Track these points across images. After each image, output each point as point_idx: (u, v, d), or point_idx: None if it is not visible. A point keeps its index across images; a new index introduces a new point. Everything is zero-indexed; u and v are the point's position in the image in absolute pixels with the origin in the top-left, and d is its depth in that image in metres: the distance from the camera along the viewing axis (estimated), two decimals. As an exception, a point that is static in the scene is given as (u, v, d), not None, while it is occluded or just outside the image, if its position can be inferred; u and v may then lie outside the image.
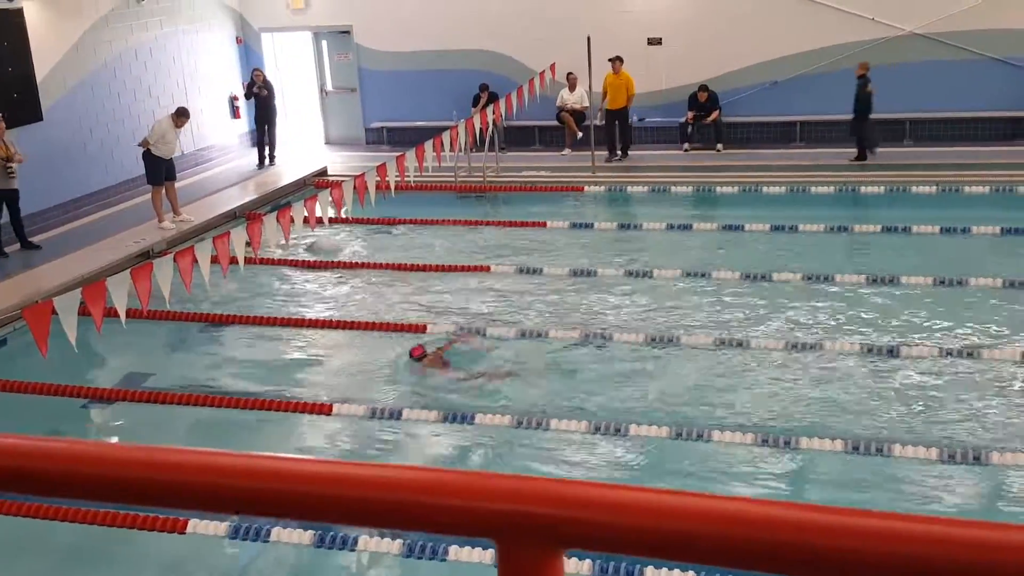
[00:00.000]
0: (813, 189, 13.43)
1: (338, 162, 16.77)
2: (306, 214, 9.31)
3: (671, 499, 0.83)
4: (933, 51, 15.90)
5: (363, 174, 10.33)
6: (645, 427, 7.49)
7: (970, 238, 10.94)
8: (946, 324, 9.06)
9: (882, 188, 13.04)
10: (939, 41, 15.85)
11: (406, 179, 10.83)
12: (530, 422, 7.69)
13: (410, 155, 11.18)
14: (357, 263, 11.88)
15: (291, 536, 6.25)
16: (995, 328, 8.88)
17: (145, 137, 13.11)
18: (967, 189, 12.70)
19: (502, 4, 17.16)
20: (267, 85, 16.84)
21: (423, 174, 12.32)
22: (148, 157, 12.93)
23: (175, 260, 8.00)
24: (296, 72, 18.80)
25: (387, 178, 10.31)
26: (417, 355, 8.96)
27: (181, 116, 13.11)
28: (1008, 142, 15.25)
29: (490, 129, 14.02)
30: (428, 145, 11.40)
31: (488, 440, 7.71)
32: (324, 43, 18.57)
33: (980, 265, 10.12)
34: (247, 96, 16.96)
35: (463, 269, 11.39)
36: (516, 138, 17.17)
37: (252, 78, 16.93)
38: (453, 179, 14.72)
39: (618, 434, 7.51)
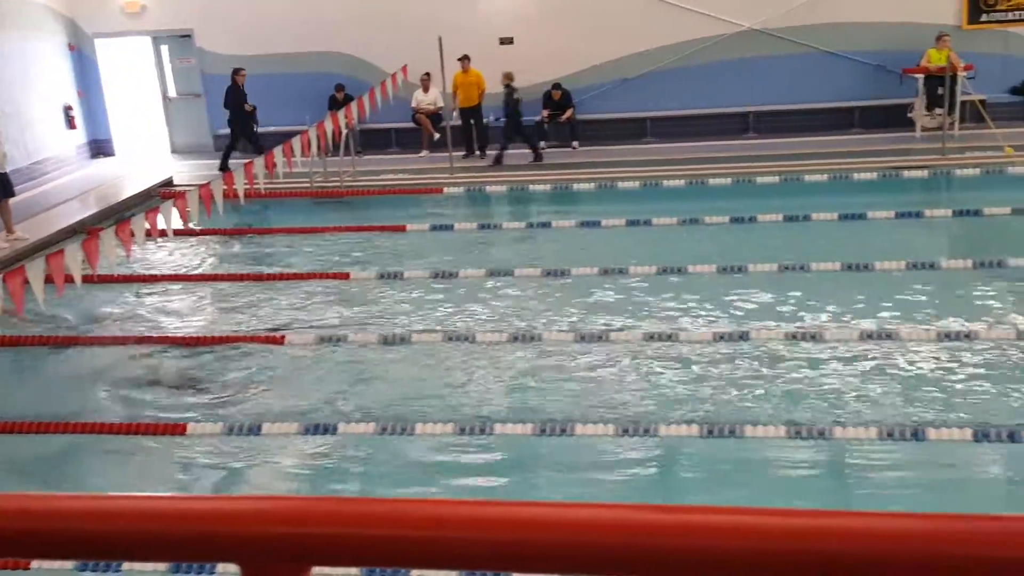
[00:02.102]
0: (665, 183, 13.76)
1: (185, 171, 16.21)
2: (148, 227, 8.93)
3: (408, 507, 0.81)
4: (771, 46, 16.59)
5: (209, 183, 10.00)
6: (510, 425, 7.49)
7: (811, 225, 11.41)
8: (791, 308, 9.44)
9: (729, 180, 13.48)
10: (776, 36, 16.53)
11: (256, 187, 10.54)
12: (394, 428, 7.58)
13: (259, 161, 10.88)
14: (208, 275, 11.49)
15: (144, 567, 5.95)
16: (836, 309, 9.30)
17: None
18: (807, 178, 13.25)
19: (352, 6, 16.94)
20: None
21: (276, 181, 12.02)
22: (-24, 174, 12.17)
23: (4, 281, 7.52)
24: (136, 78, 18.10)
25: (235, 186, 10.00)
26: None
27: None
28: (843, 131, 16.04)
29: (344, 132, 13.81)
30: (278, 151, 11.12)
31: (353, 450, 7.58)
32: (164, 48, 17.92)
33: (821, 250, 10.57)
34: (244, 116, 15.89)
35: (321, 276, 11.17)
36: (373, 141, 16.98)
37: (236, 80, 15.89)
38: (309, 185, 14.43)
39: (483, 433, 7.49)
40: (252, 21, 17.17)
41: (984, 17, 16.52)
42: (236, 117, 16.01)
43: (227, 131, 17.64)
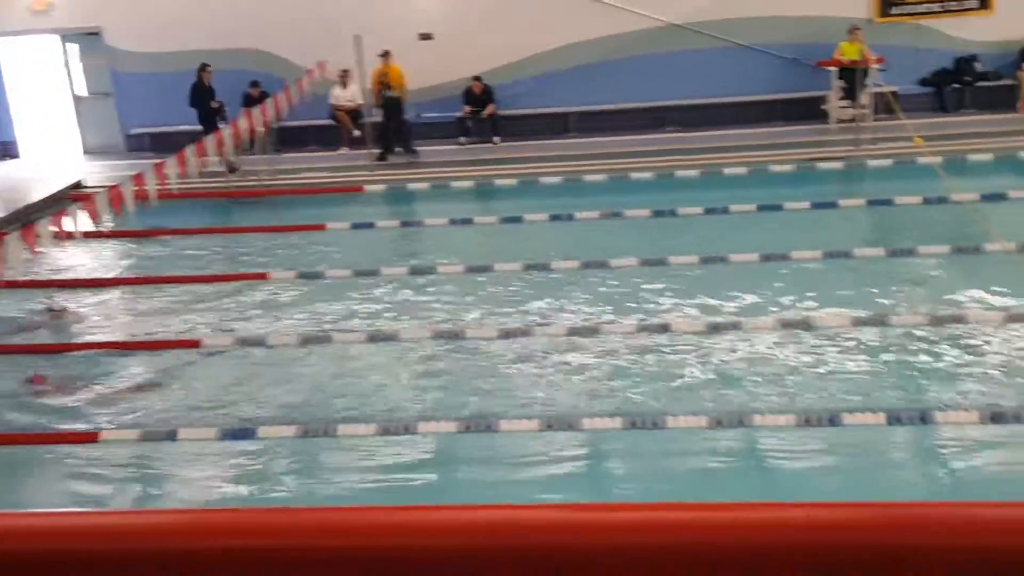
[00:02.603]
0: (587, 178, 13.80)
1: (97, 172, 15.77)
2: (55, 230, 8.63)
3: (321, 516, 0.83)
4: (690, 41, 16.78)
5: (118, 184, 9.71)
6: (434, 423, 7.42)
7: (730, 217, 11.55)
8: (711, 299, 9.55)
9: (650, 174, 13.57)
10: (694, 31, 16.72)
11: (168, 187, 10.27)
12: (316, 430, 7.45)
13: (171, 161, 10.59)
14: (120, 279, 11.18)
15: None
16: (755, 299, 9.45)
17: None
18: (726, 171, 13.41)
19: (267, 1, 16.66)
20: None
21: (191, 180, 11.72)
22: None
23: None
24: (43, 77, 17.55)
25: (146, 187, 9.71)
26: (38, 383, 8.58)
27: None
28: (760, 124, 16.30)
29: (260, 130, 13.55)
30: (191, 149, 10.83)
31: (274, 453, 7.43)
32: (73, 46, 17.41)
33: (740, 241, 10.71)
34: (211, 114, 15.37)
35: (238, 278, 10.95)
36: (291, 139, 16.73)
37: (202, 77, 15.46)
38: (225, 184, 14.15)
39: (407, 432, 7.41)
40: (163, 18, 16.77)
41: (895, 10, 16.95)
42: (203, 115, 15.59)
43: (140, 130, 17.23)
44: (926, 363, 7.95)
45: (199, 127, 15.26)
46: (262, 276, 10.89)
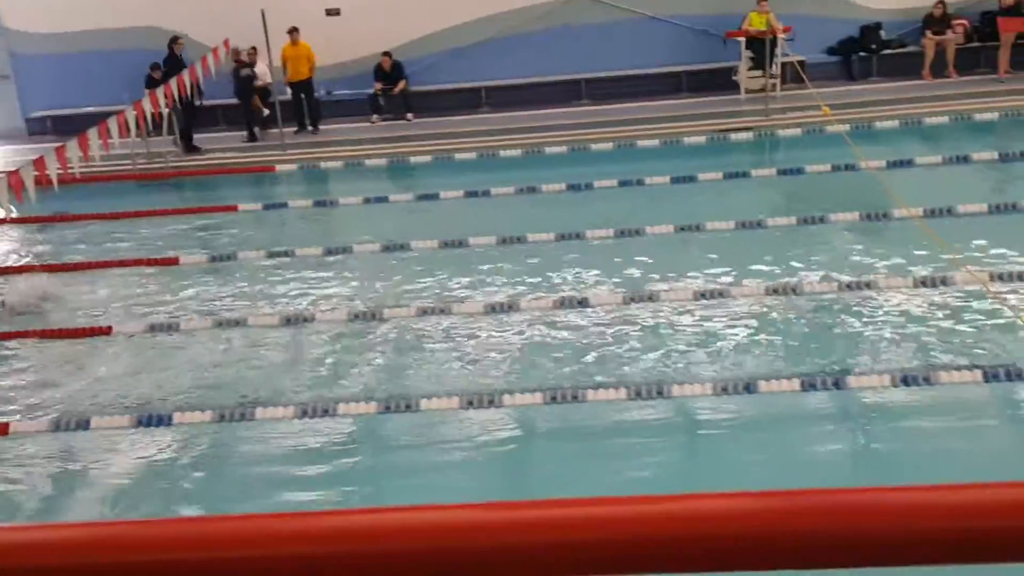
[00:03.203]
0: (502, 153, 13.78)
1: (-3, 157, 15.20)
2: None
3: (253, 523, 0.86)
4: (601, 13, 16.80)
5: (18, 169, 9.36)
6: (355, 404, 7.37)
7: (645, 189, 11.66)
8: (628, 272, 9.62)
9: (565, 148, 13.61)
10: (605, 3, 16.76)
11: (70, 171, 9.93)
12: (232, 415, 7.32)
13: (73, 145, 10.25)
14: (25, 267, 10.80)
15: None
16: (671, 271, 9.54)
17: None
18: (640, 143, 13.52)
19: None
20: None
21: (95, 164, 11.37)
22: None
23: None
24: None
25: (47, 172, 9.38)
26: None
27: None
28: (672, 96, 16.44)
29: (164, 111, 13.17)
30: (93, 132, 10.49)
31: (191, 440, 7.28)
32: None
33: (655, 213, 10.82)
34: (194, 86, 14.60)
35: (148, 263, 10.66)
36: (199, 119, 16.29)
37: (174, 50, 14.76)
38: (131, 167, 13.74)
39: (327, 415, 7.33)
40: (62, -3, 16.16)
41: (801, -20, 17.21)
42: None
43: (42, 114, 16.62)
44: (838, 329, 8.14)
45: (112, 108, 14.76)
46: (173, 261, 10.63)
